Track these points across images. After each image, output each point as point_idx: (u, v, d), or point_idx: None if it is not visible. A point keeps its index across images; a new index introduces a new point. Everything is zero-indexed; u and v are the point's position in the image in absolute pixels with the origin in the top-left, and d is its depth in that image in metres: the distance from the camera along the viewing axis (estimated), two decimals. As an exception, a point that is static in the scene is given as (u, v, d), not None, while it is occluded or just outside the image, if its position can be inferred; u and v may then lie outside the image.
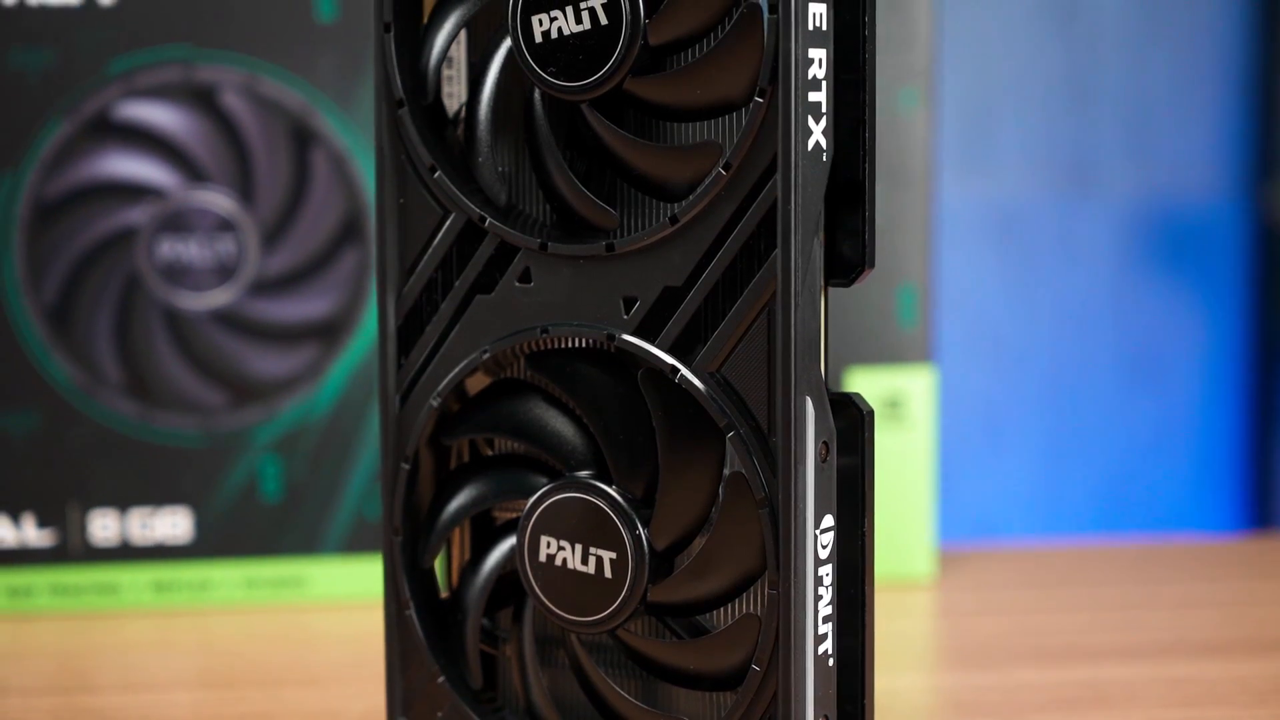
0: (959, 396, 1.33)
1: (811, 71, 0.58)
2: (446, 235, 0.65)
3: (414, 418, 0.66)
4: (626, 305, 0.61)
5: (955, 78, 1.31)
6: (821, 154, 0.59)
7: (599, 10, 0.60)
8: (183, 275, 0.96)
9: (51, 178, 0.95)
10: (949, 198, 1.31)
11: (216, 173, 0.96)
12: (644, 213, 0.62)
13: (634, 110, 0.62)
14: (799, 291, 0.58)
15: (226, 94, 0.96)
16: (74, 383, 0.96)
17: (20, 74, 0.94)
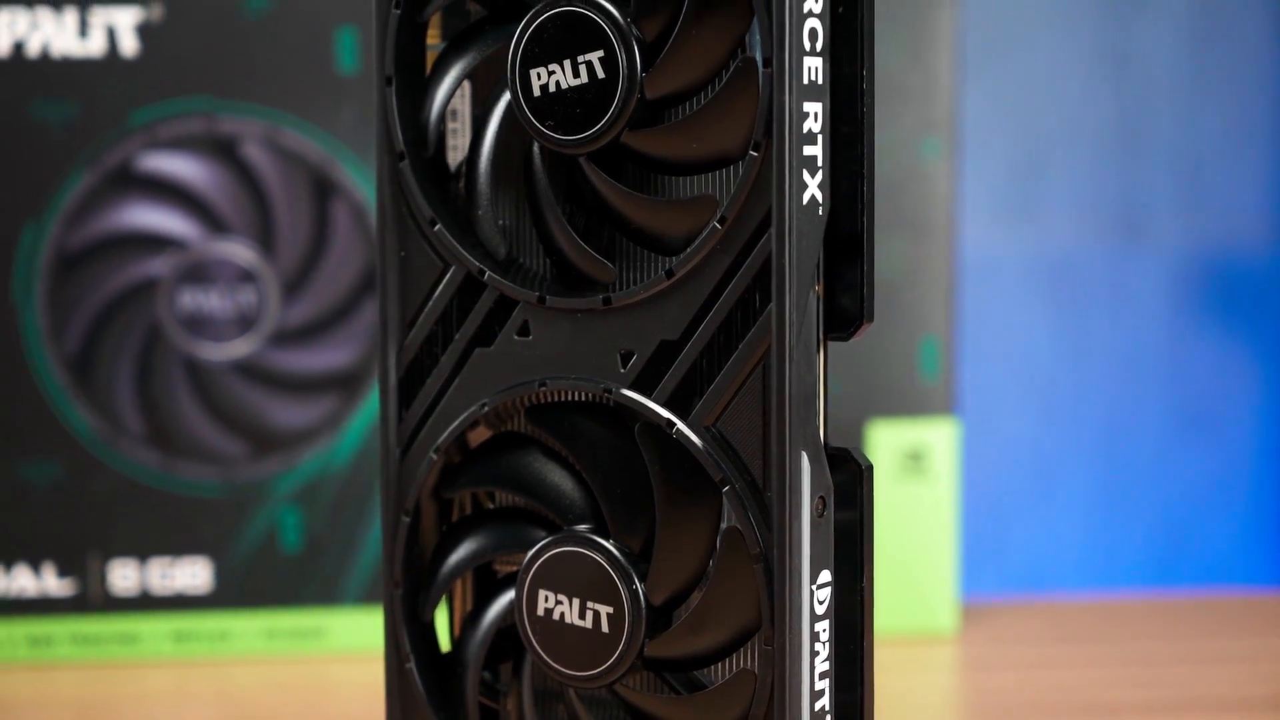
0: (1009, 446, 1.32)
1: (807, 125, 0.58)
2: (447, 288, 0.65)
3: (415, 470, 0.66)
4: (624, 359, 0.61)
5: (1005, 125, 1.30)
6: (817, 208, 0.59)
7: (596, 64, 0.60)
8: (204, 326, 0.97)
9: (74, 228, 0.95)
10: (998, 246, 1.30)
11: (237, 224, 0.96)
12: (642, 266, 0.62)
13: (632, 164, 0.62)
14: (793, 346, 0.58)
15: (248, 145, 0.96)
16: (95, 432, 0.96)
17: (44, 126, 0.95)
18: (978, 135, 1.31)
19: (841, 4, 0.60)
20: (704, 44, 0.59)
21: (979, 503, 1.34)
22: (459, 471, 0.66)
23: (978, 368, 1.34)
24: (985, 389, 1.34)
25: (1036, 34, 1.33)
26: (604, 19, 0.60)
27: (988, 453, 1.33)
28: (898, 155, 0.99)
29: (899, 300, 1.00)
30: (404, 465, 0.66)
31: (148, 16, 0.95)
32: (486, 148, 0.64)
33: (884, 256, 1.00)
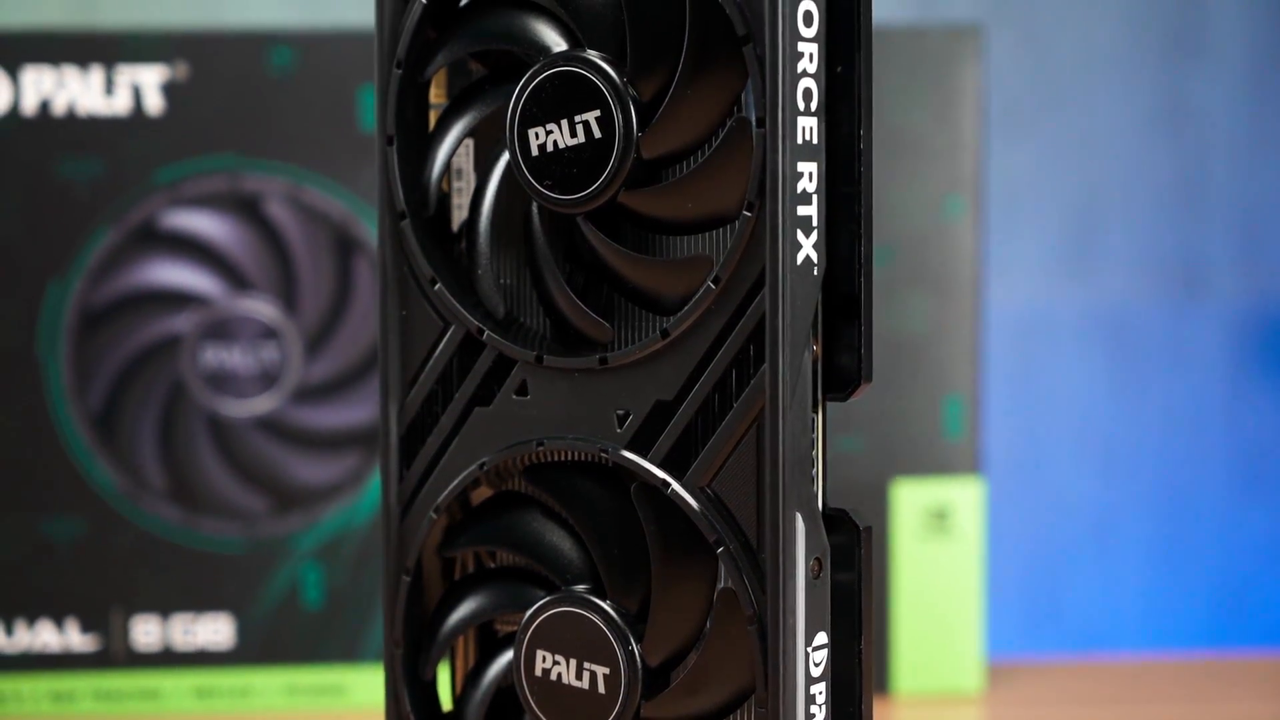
0: (1067, 503, 1.31)
1: (801, 185, 0.58)
2: (447, 347, 0.65)
3: (415, 529, 0.66)
4: (620, 419, 0.61)
5: (1062, 179, 1.30)
6: (812, 268, 0.59)
7: (593, 124, 0.60)
8: (226, 382, 0.97)
9: (98, 285, 0.96)
10: (1054, 301, 1.30)
11: (260, 281, 0.97)
12: (640, 326, 0.62)
13: (630, 223, 0.62)
14: (787, 407, 0.58)
15: (271, 203, 0.96)
16: (118, 488, 0.97)
17: (69, 183, 0.95)
18: (1033, 189, 1.31)
19: (840, 64, 0.60)
20: (699, 104, 0.59)
21: (1036, 560, 1.33)
22: (459, 531, 0.66)
23: (1034, 424, 1.33)
24: (1042, 445, 1.33)
25: (1093, 88, 1.33)
26: (600, 79, 0.60)
27: (1045, 510, 1.33)
28: (921, 213, 0.99)
29: (923, 359, 0.99)
30: (404, 524, 0.66)
31: (173, 75, 0.96)
32: (486, 207, 0.64)
33: (907, 315, 0.99)
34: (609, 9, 0.61)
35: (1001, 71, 1.29)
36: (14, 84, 0.95)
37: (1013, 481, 1.31)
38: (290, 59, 0.96)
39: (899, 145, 0.99)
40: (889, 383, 0.99)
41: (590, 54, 0.60)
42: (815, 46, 0.58)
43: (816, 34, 0.58)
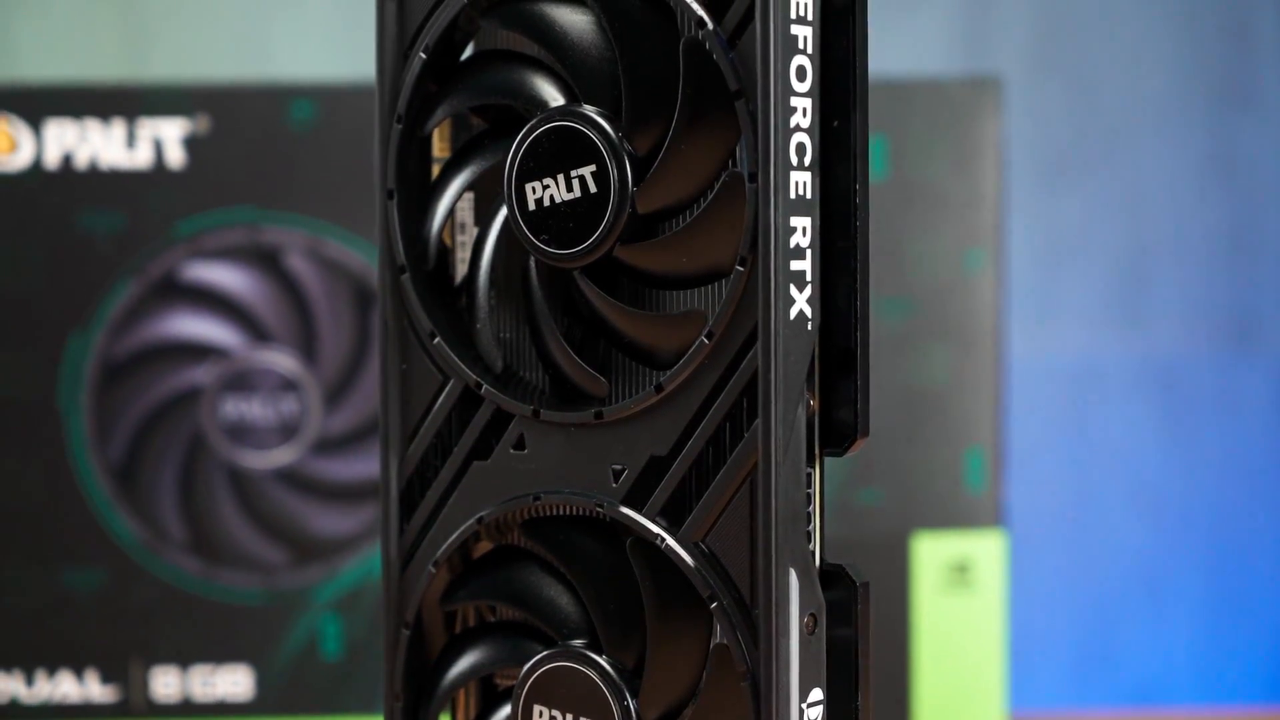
0: (1118, 556, 1.31)
1: (794, 240, 0.58)
2: (446, 401, 0.65)
3: (415, 582, 0.66)
4: (615, 473, 0.61)
5: (1112, 229, 1.30)
6: (806, 323, 0.58)
7: (588, 179, 0.60)
8: (246, 434, 0.97)
9: (119, 337, 0.97)
10: (1104, 351, 1.29)
11: (280, 333, 0.97)
12: (638, 381, 0.62)
13: (626, 278, 0.62)
14: (779, 462, 0.58)
15: (291, 255, 0.97)
16: (138, 539, 0.97)
17: (91, 236, 0.96)
18: (1083, 239, 1.31)
19: (836, 119, 0.60)
20: (694, 159, 0.59)
21: (1087, 612, 1.32)
22: (460, 584, 0.66)
23: (1082, 475, 1.32)
24: (1090, 497, 1.33)
25: (1143, 137, 1.32)
26: (595, 134, 0.60)
27: (1096, 561, 1.32)
28: (941, 266, 0.99)
29: (944, 411, 0.99)
30: (404, 577, 0.66)
31: (194, 128, 0.96)
32: (485, 261, 0.64)
33: (927, 368, 0.99)
34: (605, 64, 0.61)
35: (1050, 121, 1.29)
36: (37, 137, 0.96)
37: (1063, 533, 1.31)
38: (311, 112, 0.97)
39: (920, 198, 0.99)
40: (910, 435, 0.99)
41: (586, 109, 0.61)
42: (809, 101, 0.58)
43: (810, 89, 0.58)
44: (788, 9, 0.57)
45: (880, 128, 0.99)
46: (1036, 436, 1.32)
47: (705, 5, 0.58)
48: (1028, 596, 1.30)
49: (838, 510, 0.99)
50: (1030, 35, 1.31)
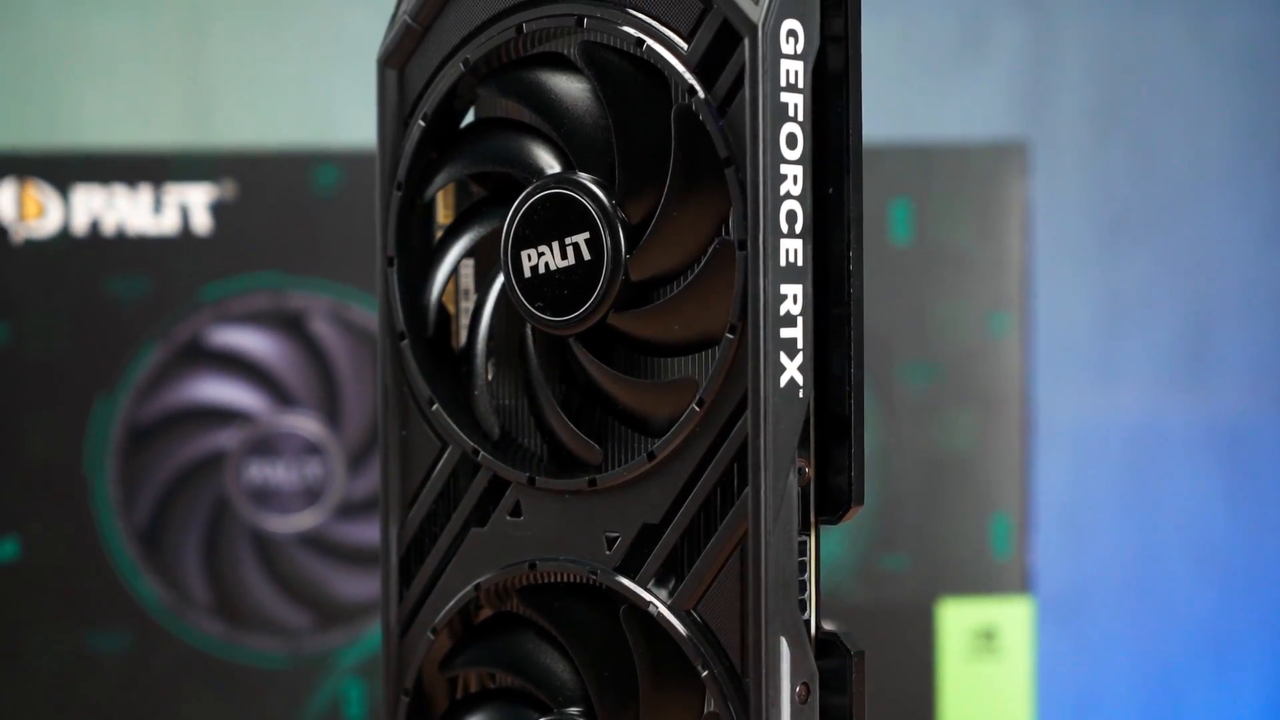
0: (1184, 621, 1.30)
1: (785, 308, 0.58)
2: (444, 468, 0.65)
3: (414, 649, 0.66)
4: (609, 541, 0.61)
5: (1175, 290, 1.29)
6: (797, 390, 0.58)
7: (582, 246, 0.60)
8: (270, 498, 0.98)
9: (145, 402, 0.97)
10: (1166, 413, 1.29)
11: (304, 397, 0.98)
12: (633, 448, 0.62)
13: (621, 345, 0.62)
14: (769, 530, 0.57)
15: (315, 320, 0.97)
16: (163, 603, 0.98)
17: (117, 301, 0.97)
18: (1144, 300, 1.30)
19: (831, 185, 0.60)
20: (687, 226, 0.59)
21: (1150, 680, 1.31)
22: (459, 650, 0.66)
23: (1146, 539, 1.31)
24: (1154, 561, 1.32)
25: (1205, 197, 1.32)
26: (589, 201, 0.60)
27: (1159, 627, 1.31)
28: (965, 330, 0.98)
29: (969, 477, 0.98)
30: (404, 644, 0.66)
31: (220, 194, 0.97)
32: (483, 328, 0.65)
33: (952, 432, 0.98)
34: (600, 131, 0.61)
35: (1112, 181, 1.29)
36: (65, 203, 0.97)
37: (1124, 598, 1.30)
38: (335, 178, 0.97)
39: (944, 262, 0.99)
40: (934, 501, 0.98)
41: (581, 176, 0.61)
42: (800, 169, 0.58)
43: (801, 156, 0.58)
44: (778, 77, 0.57)
45: (905, 192, 0.99)
46: (1098, 500, 1.31)
47: (696, 73, 0.58)
48: (1089, 664, 1.29)
49: (861, 576, 0.98)
50: (1091, 96, 1.31)
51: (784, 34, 0.57)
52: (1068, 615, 1.30)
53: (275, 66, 1.27)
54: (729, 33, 0.58)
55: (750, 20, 0.57)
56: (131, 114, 1.28)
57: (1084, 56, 1.31)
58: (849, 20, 0.60)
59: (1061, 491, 1.31)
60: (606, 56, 0.60)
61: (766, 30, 0.57)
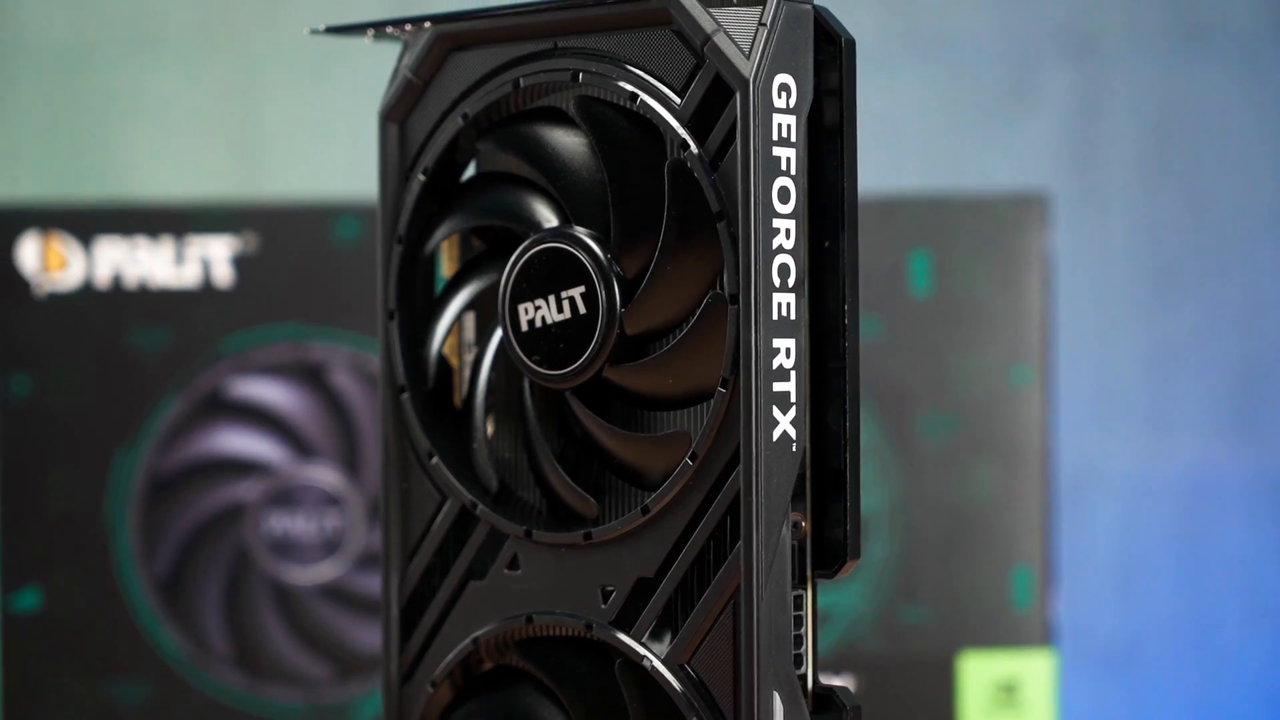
0: (1238, 674, 1.29)
1: (777, 361, 0.58)
2: (444, 520, 0.65)
3: (414, 702, 0.66)
4: (604, 594, 0.61)
5: (1228, 337, 1.29)
6: (790, 444, 0.58)
7: (578, 300, 0.60)
8: (290, 549, 0.98)
9: (166, 453, 0.98)
10: (1219, 463, 1.28)
11: (324, 448, 0.98)
12: (631, 502, 0.62)
13: (618, 399, 0.62)
14: (762, 585, 0.57)
15: (335, 372, 0.98)
16: (183, 653, 0.98)
17: (138, 353, 0.98)
18: (1196, 348, 1.30)
19: (828, 239, 0.60)
20: (680, 280, 0.59)
21: None
22: (457, 703, 0.66)
23: (1198, 591, 1.31)
24: (1207, 612, 1.31)
25: (1257, 244, 1.32)
26: (585, 255, 0.60)
27: (1212, 680, 1.30)
28: (985, 381, 0.98)
29: (990, 528, 0.98)
30: (404, 696, 0.66)
31: (242, 246, 0.98)
32: (481, 381, 0.65)
33: (972, 484, 0.98)
34: (596, 185, 0.61)
35: (1162, 229, 1.29)
36: (87, 256, 0.97)
37: (1177, 650, 1.29)
38: (356, 230, 0.98)
39: (964, 314, 0.98)
40: (955, 553, 0.98)
41: (577, 230, 0.61)
42: (792, 223, 0.58)
43: (794, 210, 0.58)
44: (769, 131, 0.57)
45: (925, 244, 0.99)
46: (1150, 551, 1.31)
47: (689, 127, 0.59)
48: (1142, 717, 1.29)
49: (882, 628, 0.98)
50: (1140, 145, 1.31)
51: (776, 88, 0.58)
52: (1118, 668, 1.29)
53: (299, 120, 1.28)
54: (721, 87, 0.58)
55: (741, 75, 0.57)
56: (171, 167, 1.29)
57: (1132, 105, 1.31)
58: (843, 74, 0.60)
59: (1112, 542, 1.30)
60: (602, 111, 0.61)
61: (758, 84, 0.57)
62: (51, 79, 1.29)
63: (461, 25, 0.64)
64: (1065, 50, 1.31)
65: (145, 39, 1.29)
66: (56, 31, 1.29)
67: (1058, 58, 1.31)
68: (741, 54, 0.57)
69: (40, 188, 1.24)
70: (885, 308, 0.99)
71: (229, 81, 1.30)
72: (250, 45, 1.29)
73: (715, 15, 0.58)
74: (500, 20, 0.63)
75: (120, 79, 1.29)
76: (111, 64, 1.29)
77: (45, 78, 1.29)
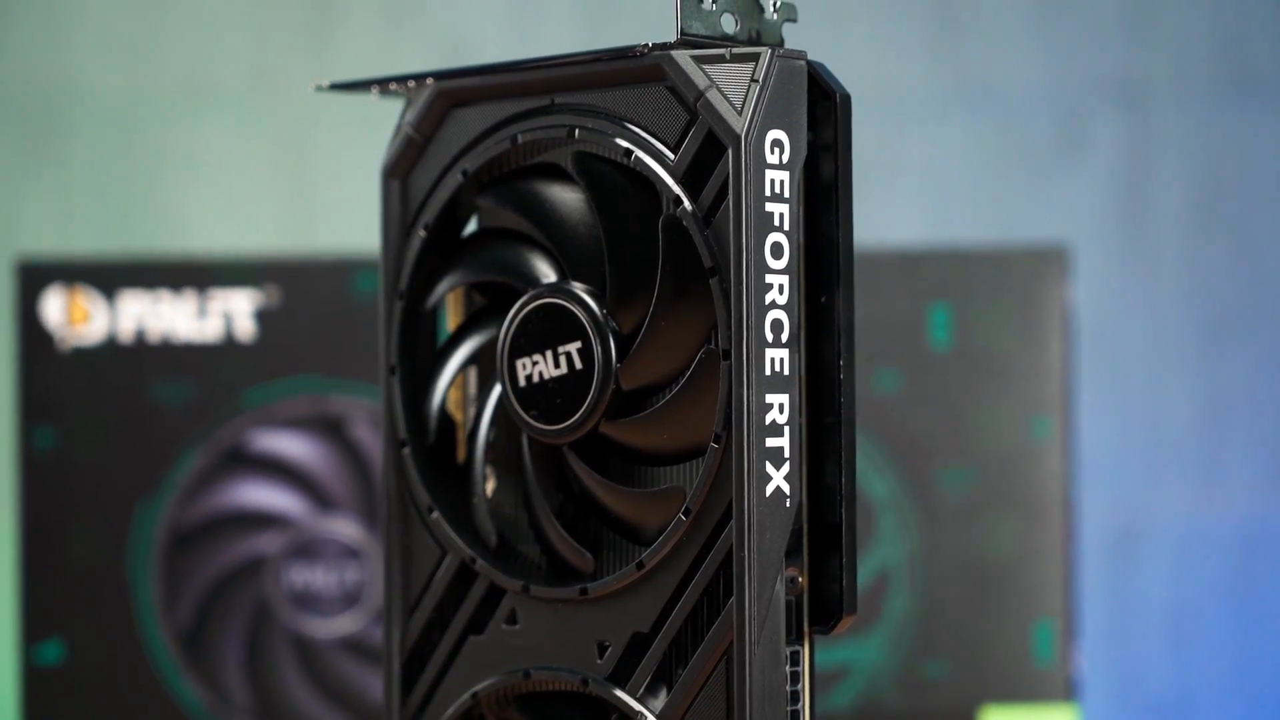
0: None
1: (770, 417, 0.58)
2: (444, 575, 0.65)
3: (416, 757, 0.66)
4: (600, 649, 0.61)
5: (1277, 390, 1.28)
6: (784, 499, 0.58)
7: (574, 355, 0.61)
8: (311, 602, 0.98)
9: (187, 506, 0.98)
10: (1274, 516, 1.28)
11: (344, 501, 0.98)
12: (629, 556, 0.62)
13: (615, 454, 0.62)
14: (754, 641, 0.57)
15: (356, 425, 0.98)
16: (205, 706, 0.98)
17: (161, 406, 0.98)
18: (1249, 399, 1.29)
19: (824, 294, 0.60)
20: (675, 336, 0.60)
21: None
22: (457, 760, 0.66)
23: (1251, 643, 1.30)
24: (1259, 667, 1.30)
25: None
26: (581, 310, 0.60)
27: None
28: (1007, 434, 0.98)
29: (1011, 582, 0.98)
30: (405, 752, 0.66)
31: (264, 300, 0.98)
32: (481, 436, 0.65)
33: (994, 538, 0.98)
34: (593, 241, 0.61)
35: (1213, 279, 1.28)
36: (111, 309, 0.98)
37: (1229, 706, 1.29)
38: (376, 284, 0.98)
39: (984, 367, 0.98)
40: (976, 607, 0.98)
41: (575, 286, 0.61)
42: (786, 278, 0.58)
43: (787, 265, 0.58)
44: (762, 187, 0.57)
45: (945, 296, 0.99)
46: (1201, 605, 1.30)
47: (683, 183, 0.59)
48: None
49: (903, 683, 0.98)
50: (1190, 195, 1.31)
51: (768, 144, 0.58)
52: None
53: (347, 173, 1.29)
54: (713, 143, 0.58)
55: (733, 131, 0.57)
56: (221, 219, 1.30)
57: (1181, 155, 1.31)
58: (839, 129, 0.60)
59: (1164, 596, 1.30)
60: (598, 167, 0.61)
61: (750, 141, 0.57)
62: (104, 131, 1.31)
63: (461, 82, 0.64)
64: (1114, 100, 1.31)
65: (196, 92, 1.30)
66: (109, 83, 1.30)
67: (1107, 107, 1.31)
68: (734, 110, 0.58)
69: (91, 241, 1.26)
70: (905, 360, 0.99)
71: (279, 134, 1.31)
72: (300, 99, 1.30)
73: (708, 71, 0.58)
74: (498, 77, 0.63)
75: (172, 132, 1.30)
76: (163, 117, 1.30)
77: (98, 130, 1.31)
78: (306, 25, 1.31)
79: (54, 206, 1.30)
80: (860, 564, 0.96)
